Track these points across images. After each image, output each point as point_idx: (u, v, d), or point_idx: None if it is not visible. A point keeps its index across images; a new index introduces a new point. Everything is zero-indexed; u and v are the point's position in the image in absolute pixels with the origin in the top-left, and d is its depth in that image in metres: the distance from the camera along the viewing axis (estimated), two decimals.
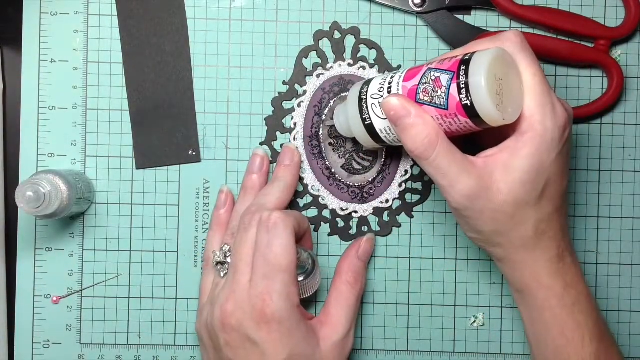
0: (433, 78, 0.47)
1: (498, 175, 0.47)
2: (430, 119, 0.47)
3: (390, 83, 0.50)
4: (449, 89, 0.46)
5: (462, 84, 0.45)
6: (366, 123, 0.52)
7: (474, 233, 0.50)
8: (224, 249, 0.54)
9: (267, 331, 0.50)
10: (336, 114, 0.56)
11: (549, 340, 0.51)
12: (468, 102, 0.45)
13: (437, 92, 0.47)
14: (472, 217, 0.48)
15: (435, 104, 0.47)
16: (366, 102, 0.51)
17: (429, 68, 0.48)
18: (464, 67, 0.46)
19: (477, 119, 0.46)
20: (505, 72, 0.46)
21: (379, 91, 0.50)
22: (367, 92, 0.51)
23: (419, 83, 0.48)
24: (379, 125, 0.51)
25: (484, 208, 0.47)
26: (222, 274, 0.54)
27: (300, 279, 0.54)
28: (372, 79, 0.52)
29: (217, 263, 0.54)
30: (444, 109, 0.47)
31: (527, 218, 0.48)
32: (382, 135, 0.51)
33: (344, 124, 0.55)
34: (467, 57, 0.46)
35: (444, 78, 0.46)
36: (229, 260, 0.54)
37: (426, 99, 0.47)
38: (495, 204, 0.47)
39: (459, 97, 0.46)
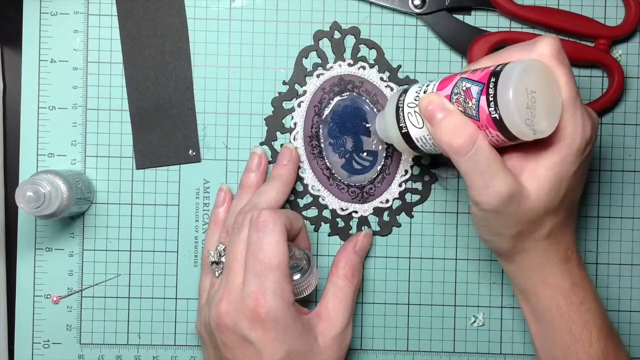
0: (464, 89, 0.46)
1: (524, 181, 0.46)
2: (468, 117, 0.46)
3: (425, 92, 0.49)
4: (479, 101, 0.45)
5: (491, 97, 0.44)
6: (403, 131, 0.51)
7: (493, 236, 0.49)
8: (218, 248, 0.54)
9: (262, 330, 0.50)
10: (377, 121, 0.56)
11: (556, 338, 0.51)
12: (497, 116, 0.44)
13: (468, 103, 0.46)
14: (499, 220, 0.47)
15: (468, 114, 0.46)
16: (403, 110, 0.51)
17: (461, 77, 0.47)
18: (493, 80, 0.44)
19: (508, 133, 0.45)
20: (539, 84, 0.44)
21: (415, 100, 0.50)
22: (404, 100, 0.51)
23: (452, 93, 0.47)
24: (415, 134, 0.50)
25: (513, 212, 0.46)
26: (217, 274, 0.54)
27: (296, 277, 0.53)
28: (410, 87, 0.51)
29: (212, 263, 0.54)
30: (477, 119, 0.45)
31: (545, 223, 0.48)
32: (418, 144, 0.51)
33: (384, 131, 0.54)
34: (498, 68, 0.45)
35: (475, 89, 0.45)
36: (223, 259, 0.54)
37: (460, 109, 0.46)
38: (524, 208, 0.46)
39: (488, 110, 0.44)
